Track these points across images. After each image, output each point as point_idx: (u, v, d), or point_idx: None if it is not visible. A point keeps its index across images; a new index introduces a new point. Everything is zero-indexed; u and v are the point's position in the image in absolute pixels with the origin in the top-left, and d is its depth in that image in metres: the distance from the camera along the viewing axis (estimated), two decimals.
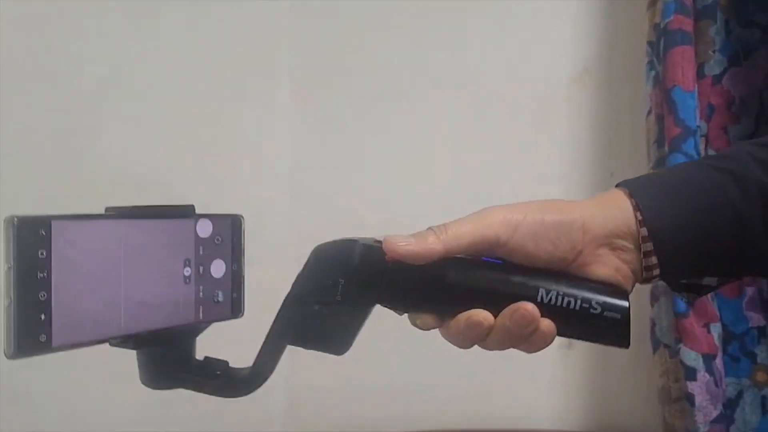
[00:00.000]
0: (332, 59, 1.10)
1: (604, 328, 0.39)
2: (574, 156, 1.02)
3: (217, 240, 0.45)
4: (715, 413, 0.80)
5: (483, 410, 1.03)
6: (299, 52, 1.10)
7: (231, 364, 0.45)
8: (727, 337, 0.84)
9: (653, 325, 0.86)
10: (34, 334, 0.35)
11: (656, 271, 0.40)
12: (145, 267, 0.41)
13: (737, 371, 0.84)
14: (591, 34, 1.02)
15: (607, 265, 0.40)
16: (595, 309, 0.39)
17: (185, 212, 0.44)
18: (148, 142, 0.90)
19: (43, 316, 0.35)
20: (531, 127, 1.04)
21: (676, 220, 0.39)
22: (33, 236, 0.35)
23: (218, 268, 0.45)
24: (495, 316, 0.39)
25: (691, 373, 0.81)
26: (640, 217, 0.40)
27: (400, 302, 0.42)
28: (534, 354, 0.39)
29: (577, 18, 1.02)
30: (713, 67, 0.87)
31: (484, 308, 0.39)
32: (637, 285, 0.41)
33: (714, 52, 0.86)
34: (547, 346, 0.39)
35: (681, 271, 0.42)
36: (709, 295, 0.81)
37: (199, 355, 0.45)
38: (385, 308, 0.42)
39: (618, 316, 0.39)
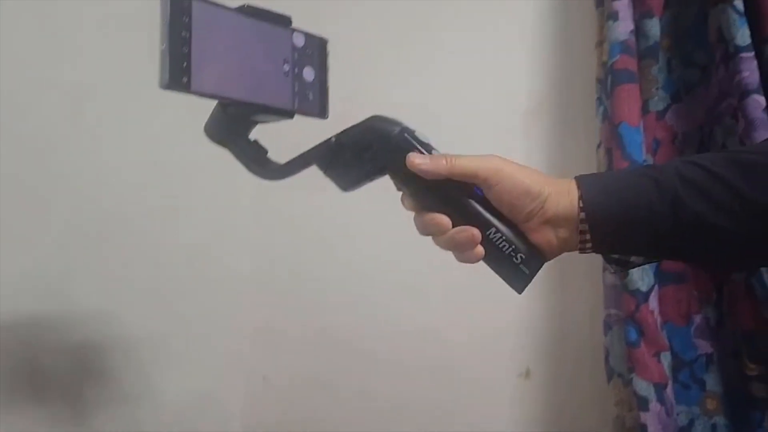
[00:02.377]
0: None
1: (513, 273, 0.53)
2: None
3: (308, 51, 0.58)
4: None
5: None
6: None
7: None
8: (677, 365, 0.86)
9: (607, 354, 0.87)
10: (179, 74, 0.48)
11: (589, 245, 0.53)
12: (256, 55, 0.54)
13: (688, 399, 0.86)
14: (546, 68, 1.05)
15: (543, 237, 0.53)
16: (517, 260, 0.53)
17: (283, 21, 0.57)
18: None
19: (185, 64, 0.48)
20: None
21: (609, 210, 0.52)
22: (180, 3, 0.48)
23: (309, 74, 0.58)
24: (453, 226, 0.53)
25: (643, 403, 0.82)
26: (581, 205, 0.52)
27: (403, 183, 0.55)
28: (493, 383, 0.40)
29: (532, 51, 1.05)
30: (657, 103, 0.91)
31: (451, 218, 0.53)
32: (592, 315, 0.44)
33: (657, 89, 0.90)
34: (472, 263, 0.54)
35: (610, 248, 0.55)
36: (659, 325, 0.83)
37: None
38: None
39: (527, 271, 0.53)
